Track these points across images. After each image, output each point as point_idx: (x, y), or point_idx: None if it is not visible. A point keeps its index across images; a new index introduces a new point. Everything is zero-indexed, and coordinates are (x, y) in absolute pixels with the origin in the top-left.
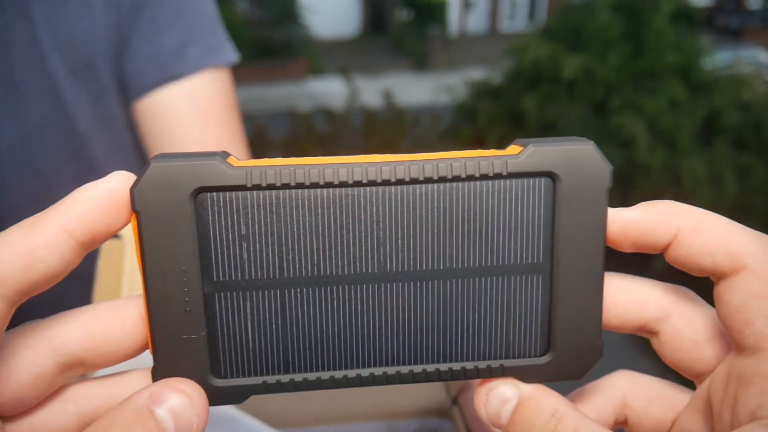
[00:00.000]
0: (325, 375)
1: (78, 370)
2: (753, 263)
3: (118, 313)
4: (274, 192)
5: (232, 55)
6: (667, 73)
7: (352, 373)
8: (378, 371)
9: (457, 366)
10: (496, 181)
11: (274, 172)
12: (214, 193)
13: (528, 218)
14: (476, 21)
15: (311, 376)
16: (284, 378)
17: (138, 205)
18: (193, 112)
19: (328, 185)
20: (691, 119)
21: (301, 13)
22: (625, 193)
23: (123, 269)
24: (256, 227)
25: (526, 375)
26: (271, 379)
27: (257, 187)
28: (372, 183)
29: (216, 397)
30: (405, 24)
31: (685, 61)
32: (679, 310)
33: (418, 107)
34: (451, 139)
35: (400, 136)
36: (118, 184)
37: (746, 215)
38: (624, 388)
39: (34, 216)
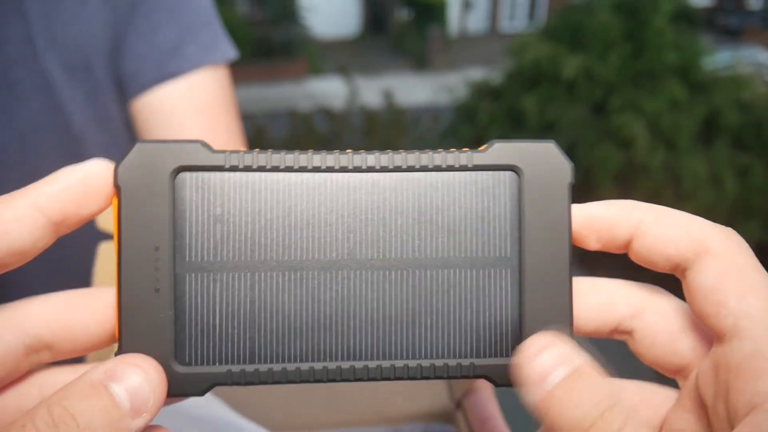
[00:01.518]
0: (291, 366)
1: (45, 354)
2: (715, 245)
3: (89, 299)
4: (250, 174)
5: (230, 52)
6: (667, 74)
7: (318, 365)
8: (345, 365)
9: (426, 363)
10: (462, 173)
11: (252, 156)
12: (194, 173)
13: (494, 211)
14: (476, 21)
15: (277, 366)
16: (249, 368)
17: (120, 180)
18: (191, 111)
19: (302, 170)
20: (691, 119)
21: (300, 12)
22: (625, 194)
23: None
24: (231, 208)
25: (496, 374)
26: (236, 368)
27: (234, 169)
28: (344, 169)
29: (177, 385)
30: (405, 24)
31: (685, 61)
32: (651, 305)
33: (418, 107)
34: (451, 138)
35: (400, 136)
36: (96, 168)
37: (746, 215)
38: None
39: (10, 193)
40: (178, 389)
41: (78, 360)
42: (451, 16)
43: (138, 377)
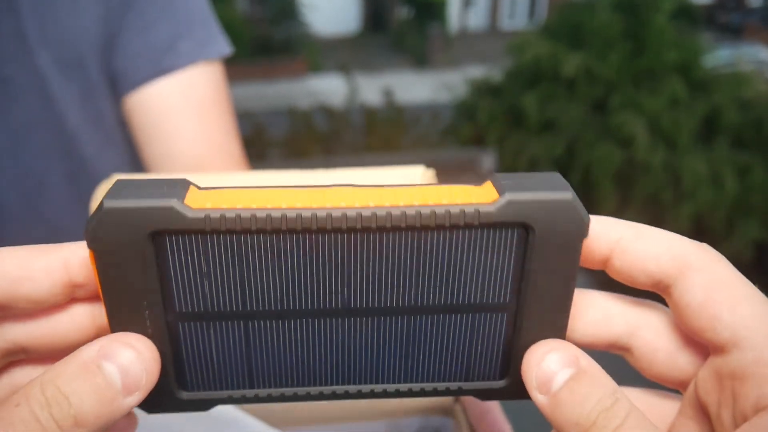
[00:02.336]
0: (289, 391)
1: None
2: (696, 261)
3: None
4: (234, 236)
5: (225, 48)
6: (668, 72)
7: (314, 390)
8: (340, 389)
9: (416, 387)
10: (467, 231)
11: (234, 217)
12: (173, 235)
13: (498, 265)
14: (476, 19)
15: (275, 391)
16: (249, 393)
17: (92, 244)
18: (185, 107)
19: (291, 231)
20: (692, 118)
21: (300, 10)
22: (625, 192)
23: None
24: (218, 267)
25: (483, 395)
26: (236, 393)
27: (217, 231)
28: (337, 230)
29: (182, 407)
30: (405, 22)
31: (685, 60)
32: (646, 323)
33: (418, 105)
34: (451, 136)
35: (400, 134)
36: None
37: (746, 214)
38: None
39: (46, 245)
40: (182, 409)
41: None
42: (451, 14)
43: (130, 355)
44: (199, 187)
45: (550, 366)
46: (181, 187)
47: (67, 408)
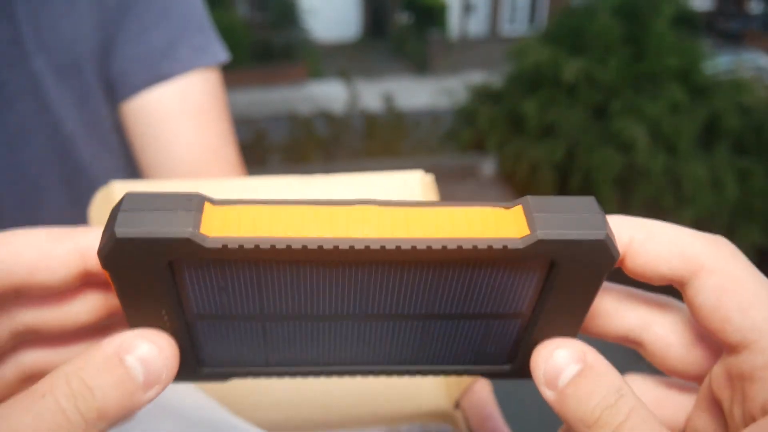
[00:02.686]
0: (304, 370)
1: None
2: (708, 261)
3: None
4: (253, 262)
5: (222, 55)
6: (668, 77)
7: (328, 368)
8: (351, 368)
9: (425, 369)
10: (490, 266)
11: (253, 248)
12: (189, 260)
13: (517, 285)
14: (477, 24)
15: (291, 369)
16: (265, 370)
17: (106, 267)
18: (182, 113)
19: (309, 262)
20: (692, 123)
21: (301, 16)
22: (625, 198)
23: None
24: (236, 284)
25: (488, 375)
26: (254, 370)
27: (234, 260)
28: (359, 261)
29: (202, 379)
30: (405, 27)
31: (685, 65)
32: (659, 319)
33: (419, 111)
34: (451, 142)
35: (401, 140)
36: None
37: (747, 219)
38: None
39: (69, 228)
40: (201, 380)
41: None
42: (451, 19)
43: (152, 351)
44: (213, 202)
45: (557, 362)
46: (195, 206)
47: (92, 401)
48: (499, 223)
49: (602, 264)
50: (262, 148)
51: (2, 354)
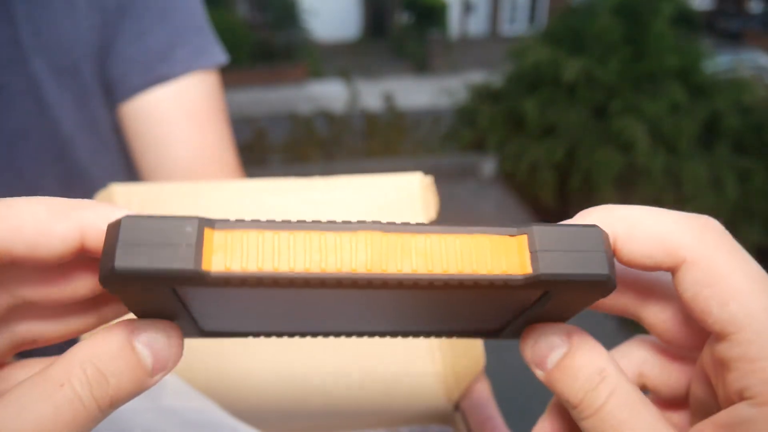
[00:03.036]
0: (300, 330)
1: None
2: (690, 254)
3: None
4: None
5: (221, 57)
6: (668, 77)
7: (320, 331)
8: (348, 330)
9: (419, 331)
10: (487, 291)
11: (256, 279)
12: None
13: (509, 308)
14: (477, 24)
15: (287, 329)
16: (264, 334)
17: (108, 290)
18: (181, 115)
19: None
20: (692, 123)
21: (301, 16)
22: (625, 197)
23: None
24: (237, 303)
25: (479, 337)
26: (251, 333)
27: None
28: (360, 288)
29: (201, 336)
30: (405, 27)
31: (685, 65)
32: (654, 295)
33: (419, 110)
34: (451, 141)
35: (401, 140)
36: None
37: (747, 219)
38: (640, 358)
39: (69, 200)
40: (201, 337)
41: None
42: (451, 19)
43: (161, 339)
44: (213, 226)
45: (544, 345)
46: (196, 236)
47: (107, 388)
48: (500, 258)
49: (600, 292)
50: (263, 147)
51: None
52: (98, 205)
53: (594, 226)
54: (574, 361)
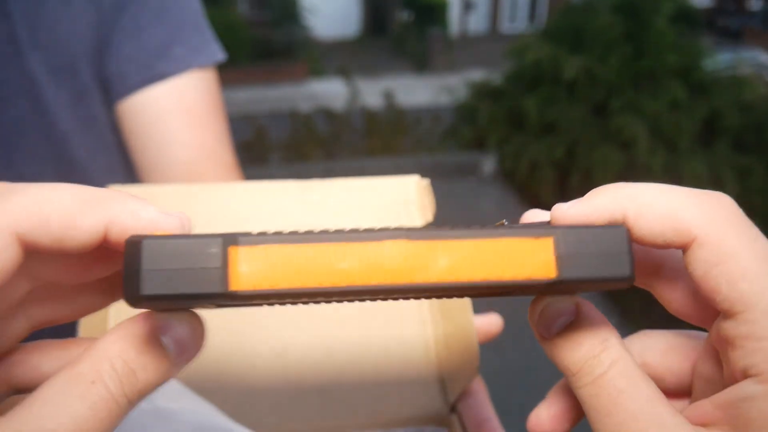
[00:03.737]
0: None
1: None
2: (700, 233)
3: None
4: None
5: (218, 54)
6: (668, 75)
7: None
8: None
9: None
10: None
11: (281, 295)
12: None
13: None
14: (477, 22)
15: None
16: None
17: (134, 307)
18: (178, 113)
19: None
20: (692, 120)
21: (301, 14)
22: None
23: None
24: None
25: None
26: None
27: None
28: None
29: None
30: (405, 25)
31: (685, 63)
32: (665, 265)
33: (419, 108)
34: (451, 139)
35: (401, 137)
36: (155, 218)
37: (747, 216)
38: (644, 347)
39: (95, 190)
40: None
41: None
42: (451, 17)
43: (186, 331)
44: (237, 242)
45: (552, 312)
46: (221, 256)
47: (136, 383)
48: (525, 261)
49: (619, 286)
50: (263, 145)
51: (17, 307)
52: (126, 199)
53: (619, 226)
54: (581, 329)
